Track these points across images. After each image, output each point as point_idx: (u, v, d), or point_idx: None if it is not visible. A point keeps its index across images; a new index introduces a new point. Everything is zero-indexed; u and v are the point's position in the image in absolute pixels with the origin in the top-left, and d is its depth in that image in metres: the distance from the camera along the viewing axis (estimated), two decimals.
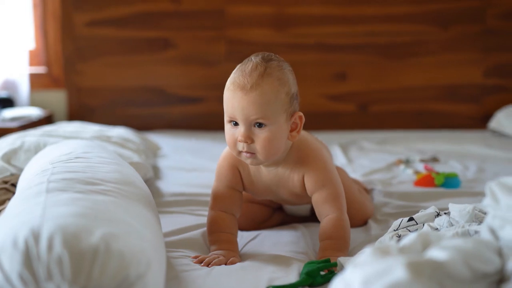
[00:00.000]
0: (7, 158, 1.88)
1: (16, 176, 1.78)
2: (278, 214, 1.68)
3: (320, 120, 3.05)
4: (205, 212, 1.69)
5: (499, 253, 0.94)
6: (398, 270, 0.83)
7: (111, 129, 2.36)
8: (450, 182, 1.99)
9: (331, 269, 1.26)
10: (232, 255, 1.37)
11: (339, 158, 2.42)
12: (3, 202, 1.66)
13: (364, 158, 2.44)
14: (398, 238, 1.32)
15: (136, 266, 0.99)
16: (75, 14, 2.99)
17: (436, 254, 0.89)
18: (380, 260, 0.88)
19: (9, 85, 2.96)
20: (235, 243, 1.45)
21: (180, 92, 3.07)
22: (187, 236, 1.50)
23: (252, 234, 1.57)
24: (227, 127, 1.40)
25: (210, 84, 3.06)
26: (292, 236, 1.55)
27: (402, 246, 0.94)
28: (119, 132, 2.30)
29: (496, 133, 2.88)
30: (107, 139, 2.12)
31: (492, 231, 0.98)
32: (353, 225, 1.62)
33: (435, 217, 1.40)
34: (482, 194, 1.71)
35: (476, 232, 1.20)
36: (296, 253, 1.42)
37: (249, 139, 1.36)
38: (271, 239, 1.53)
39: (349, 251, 1.42)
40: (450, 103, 3.06)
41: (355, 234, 1.55)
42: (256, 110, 1.34)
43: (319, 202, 1.45)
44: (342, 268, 1.25)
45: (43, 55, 3.07)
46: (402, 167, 2.26)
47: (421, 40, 3.02)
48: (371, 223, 1.64)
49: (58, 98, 3.09)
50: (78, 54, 3.03)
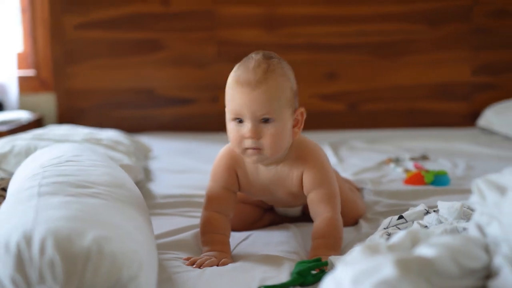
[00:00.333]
0: None
1: (6, 180, 1.78)
2: (269, 214, 1.68)
3: (311, 119, 3.01)
4: (196, 214, 1.69)
5: (486, 249, 0.95)
6: (387, 267, 0.84)
7: (102, 131, 2.36)
8: (439, 180, 2.00)
9: (322, 268, 1.26)
10: (224, 256, 1.38)
11: (329, 158, 2.41)
12: None
13: (354, 157, 2.45)
14: (388, 236, 1.33)
15: (128, 268, 1.00)
16: (64, 17, 2.99)
17: (424, 251, 0.90)
18: (369, 258, 0.89)
19: None
20: (228, 244, 1.45)
21: (170, 93, 3.08)
22: (179, 238, 1.51)
23: (243, 234, 1.57)
24: (231, 125, 1.41)
25: (201, 85, 3.06)
26: (283, 236, 1.55)
27: (391, 244, 0.96)
28: (110, 134, 2.30)
29: (485, 130, 2.90)
30: (98, 142, 2.13)
31: (480, 228, 1.00)
32: (345, 224, 1.62)
33: (424, 215, 1.41)
34: (471, 192, 1.71)
35: (465, 229, 1.21)
36: (287, 252, 1.43)
37: (257, 134, 1.37)
38: (262, 239, 1.53)
39: (341, 250, 1.43)
40: (440, 101, 3.08)
41: (345, 233, 1.55)
42: (263, 105, 1.35)
43: (315, 201, 1.46)
44: (332, 267, 1.26)
45: (32, 58, 3.07)
46: (392, 165, 2.28)
47: (410, 39, 3.04)
48: (361, 222, 1.65)
49: (47, 101, 3.09)
50: (67, 57, 3.02)
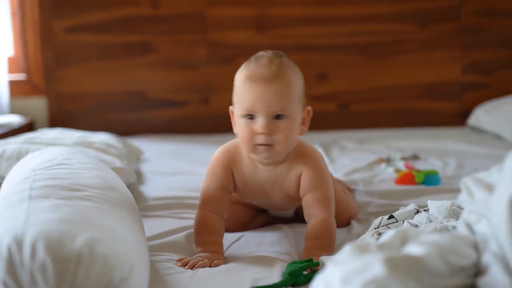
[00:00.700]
0: None
1: None
2: (262, 215, 1.69)
3: None
4: (188, 215, 1.70)
5: (475, 247, 0.96)
6: (376, 266, 0.85)
7: (93, 135, 2.36)
8: (430, 179, 2.01)
9: (313, 268, 1.27)
10: (217, 257, 1.38)
11: None
12: None
13: (345, 158, 2.46)
14: (378, 236, 1.34)
15: (120, 270, 1.00)
16: (54, 21, 2.99)
17: (413, 249, 0.91)
18: (359, 257, 0.90)
19: None
20: (221, 245, 1.45)
21: (162, 96, 3.08)
22: (171, 240, 1.51)
23: (236, 235, 1.58)
24: (242, 121, 1.40)
25: (192, 87, 3.07)
26: (276, 237, 1.56)
27: (381, 243, 0.96)
28: (101, 137, 2.30)
29: (475, 129, 2.92)
30: (89, 145, 2.12)
31: (468, 226, 1.00)
32: (337, 225, 1.63)
33: (415, 214, 1.42)
34: (460, 191, 1.73)
35: (454, 227, 1.22)
36: (279, 253, 1.43)
37: (270, 130, 1.37)
38: (255, 240, 1.54)
39: (333, 252, 1.43)
40: (430, 101, 3.10)
41: (337, 234, 1.56)
42: (278, 100, 1.36)
43: (310, 203, 1.47)
44: (324, 267, 1.27)
45: (22, 62, 3.06)
46: (383, 165, 2.28)
47: (399, 39, 3.05)
48: (353, 222, 1.65)
49: (38, 105, 3.08)
50: (58, 61, 3.02)
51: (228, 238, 1.55)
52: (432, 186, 1.98)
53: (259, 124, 1.38)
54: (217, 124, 3.00)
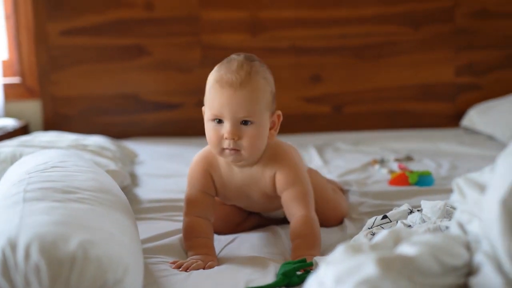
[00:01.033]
0: None
1: None
2: (253, 216, 1.69)
3: (296, 122, 3.08)
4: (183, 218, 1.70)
5: (467, 246, 0.96)
6: (368, 266, 0.85)
7: (87, 137, 2.36)
8: (423, 180, 2.02)
9: (307, 268, 1.28)
10: (210, 259, 1.38)
11: (314, 160, 2.45)
12: None
13: (339, 159, 2.47)
14: (372, 236, 1.34)
15: (114, 272, 1.01)
16: (48, 24, 2.98)
17: (406, 249, 0.91)
18: (352, 257, 0.90)
19: None
20: (212, 247, 1.46)
21: (156, 98, 3.08)
22: (165, 242, 1.51)
23: (229, 237, 1.58)
24: (210, 125, 1.42)
25: (186, 90, 3.07)
26: (269, 238, 1.56)
27: (373, 243, 0.97)
28: (96, 140, 2.30)
29: (469, 130, 2.93)
30: (84, 148, 2.13)
31: (460, 226, 1.01)
32: (328, 224, 1.64)
33: (408, 214, 1.43)
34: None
35: (447, 227, 1.23)
36: (273, 254, 1.44)
37: (236, 136, 1.38)
38: (248, 241, 1.54)
39: (322, 248, 1.44)
40: (423, 102, 3.10)
41: (331, 234, 1.57)
42: (244, 107, 1.37)
43: (288, 201, 1.48)
44: (317, 267, 1.27)
45: (16, 65, 3.06)
46: (377, 167, 2.29)
47: (393, 40, 3.06)
48: (346, 222, 1.66)
49: (33, 108, 3.08)
50: (52, 64, 3.02)
51: (222, 240, 1.56)
52: (425, 186, 1.99)
53: (225, 129, 1.39)
54: None
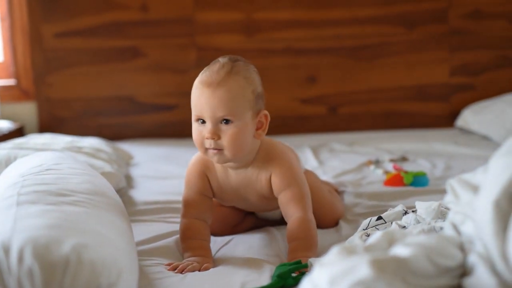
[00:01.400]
0: None
1: None
2: (250, 217, 1.69)
3: (291, 123, 3.08)
4: (178, 220, 1.69)
5: (461, 247, 0.96)
6: (362, 268, 0.86)
7: (82, 139, 2.36)
8: (418, 180, 2.02)
9: (302, 270, 1.28)
10: (206, 261, 1.39)
11: (310, 161, 2.45)
12: None
13: (334, 160, 2.47)
14: (367, 237, 1.34)
15: (108, 276, 1.01)
16: (43, 26, 2.98)
17: (399, 251, 0.91)
18: (346, 259, 0.90)
19: None
20: (208, 249, 1.46)
21: (151, 100, 3.08)
22: (161, 244, 1.51)
23: (225, 239, 1.58)
24: (195, 125, 1.43)
25: (181, 91, 3.06)
26: (265, 240, 1.56)
27: (368, 245, 0.97)
28: (91, 142, 2.30)
29: (463, 130, 2.93)
30: (79, 150, 2.12)
31: (454, 226, 1.01)
32: (324, 225, 1.65)
33: (403, 215, 1.43)
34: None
35: (442, 228, 1.23)
36: (268, 256, 1.44)
37: (215, 135, 1.39)
38: (244, 243, 1.54)
39: (318, 250, 1.44)
40: (418, 103, 3.11)
41: (326, 235, 1.57)
42: (223, 106, 1.37)
43: (284, 202, 1.48)
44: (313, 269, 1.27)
45: (12, 67, 3.06)
46: (372, 167, 2.30)
47: (387, 41, 3.07)
48: (342, 223, 1.66)
49: (28, 110, 3.07)
50: (48, 66, 3.01)
51: (217, 242, 1.56)
52: (420, 187, 1.99)
53: (206, 128, 1.40)
54: None
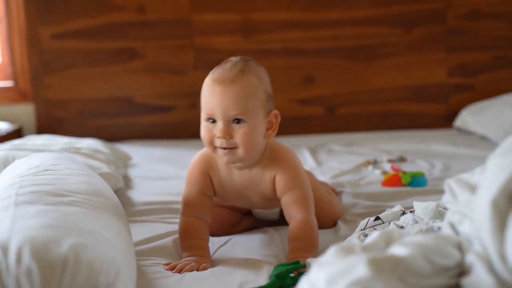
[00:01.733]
0: None
1: None
2: (247, 218, 1.69)
3: (289, 124, 3.08)
4: (176, 220, 1.69)
5: (459, 247, 0.97)
6: (360, 267, 0.86)
7: (80, 140, 2.36)
8: (416, 181, 2.02)
9: (300, 270, 1.28)
10: (204, 261, 1.39)
11: (308, 162, 2.45)
12: None
13: (332, 161, 2.47)
14: (365, 237, 1.34)
15: (106, 275, 1.01)
16: (41, 27, 2.98)
17: (397, 250, 0.91)
18: (343, 258, 0.90)
19: None
20: (207, 249, 1.46)
21: (149, 101, 3.08)
22: (159, 244, 1.51)
23: (223, 239, 1.58)
24: (204, 124, 1.42)
25: (179, 92, 3.07)
26: (263, 240, 1.56)
27: (365, 245, 0.97)
28: (89, 143, 2.30)
29: (461, 131, 2.94)
30: (76, 151, 2.12)
31: (452, 226, 1.01)
32: (322, 226, 1.64)
33: (401, 215, 1.43)
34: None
35: (440, 228, 1.23)
36: (267, 256, 1.44)
37: (228, 134, 1.38)
38: (242, 243, 1.54)
39: (318, 252, 1.44)
40: (416, 103, 3.11)
41: (324, 235, 1.57)
42: (235, 104, 1.37)
43: (288, 204, 1.48)
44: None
45: (9, 68, 3.05)
46: (370, 168, 2.30)
47: (385, 42, 3.07)
48: (340, 223, 1.66)
49: (26, 111, 3.07)
50: (45, 67, 3.01)
51: (215, 242, 1.56)
52: (418, 187, 1.99)
53: (218, 128, 1.39)
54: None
